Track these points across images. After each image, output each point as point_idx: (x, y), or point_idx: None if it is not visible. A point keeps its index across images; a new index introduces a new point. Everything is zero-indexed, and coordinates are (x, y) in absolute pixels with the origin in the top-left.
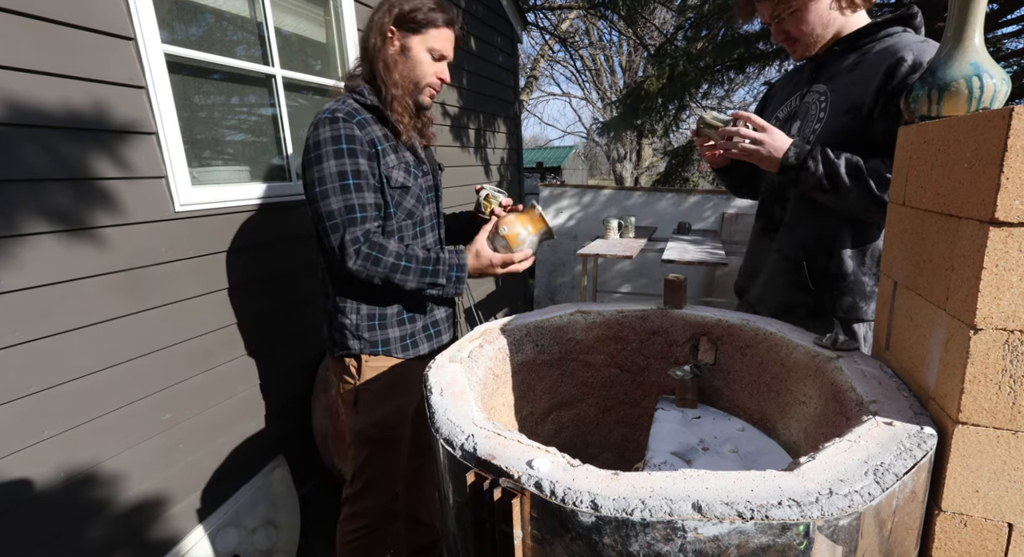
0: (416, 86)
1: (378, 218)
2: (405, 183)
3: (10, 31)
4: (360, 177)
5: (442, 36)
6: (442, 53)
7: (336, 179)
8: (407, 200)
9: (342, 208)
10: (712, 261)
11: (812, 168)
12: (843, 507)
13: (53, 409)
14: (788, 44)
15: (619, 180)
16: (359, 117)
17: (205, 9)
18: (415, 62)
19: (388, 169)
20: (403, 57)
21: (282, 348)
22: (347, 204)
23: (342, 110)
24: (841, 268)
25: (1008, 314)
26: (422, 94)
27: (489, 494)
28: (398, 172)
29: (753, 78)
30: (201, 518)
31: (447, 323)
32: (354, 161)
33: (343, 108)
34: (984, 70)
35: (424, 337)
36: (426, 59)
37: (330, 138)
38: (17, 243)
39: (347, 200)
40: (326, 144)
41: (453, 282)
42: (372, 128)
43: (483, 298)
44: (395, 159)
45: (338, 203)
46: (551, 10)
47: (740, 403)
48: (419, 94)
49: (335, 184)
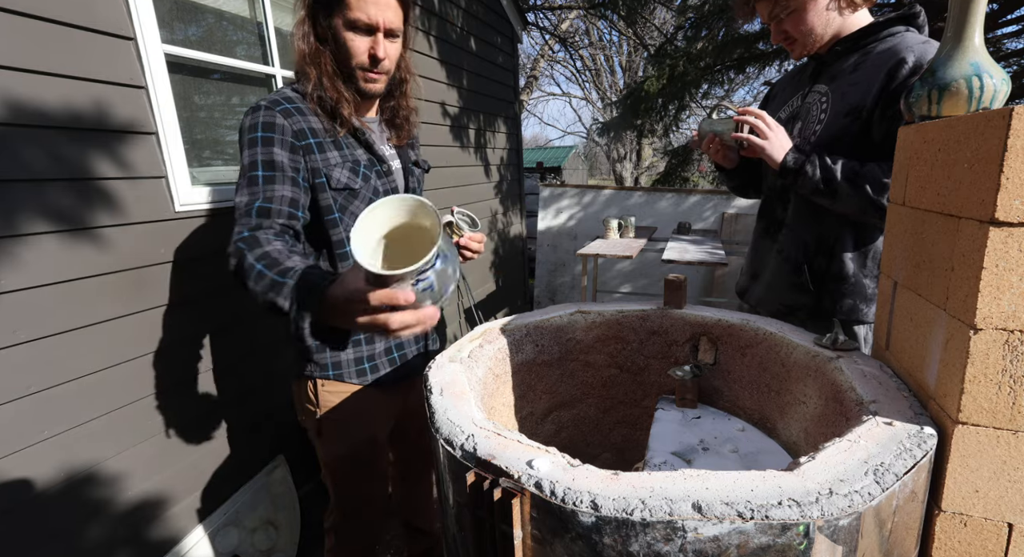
0: (348, 73)
1: (293, 217)
2: (350, 185)
3: (10, 31)
4: (273, 168)
5: (363, 1)
6: (368, 22)
7: (246, 170)
8: (354, 204)
9: (243, 202)
10: (712, 261)
11: (809, 173)
12: (843, 507)
13: (53, 409)
14: (787, 44)
15: (619, 180)
16: (285, 105)
17: (205, 9)
18: (337, 45)
19: (328, 167)
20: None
21: (283, 347)
22: (251, 198)
23: (269, 98)
24: (842, 270)
25: (1008, 314)
26: (358, 81)
27: (489, 494)
28: (341, 171)
29: (753, 78)
30: (201, 518)
31: (417, 346)
32: (267, 150)
33: (272, 96)
34: (984, 70)
35: (387, 361)
36: (348, 36)
37: (247, 127)
38: (17, 243)
39: (252, 193)
40: (243, 134)
41: (293, 306)
42: (306, 118)
43: (483, 298)
44: (338, 156)
45: (242, 196)
46: (551, 10)
47: (740, 403)
48: (356, 82)
49: (245, 176)
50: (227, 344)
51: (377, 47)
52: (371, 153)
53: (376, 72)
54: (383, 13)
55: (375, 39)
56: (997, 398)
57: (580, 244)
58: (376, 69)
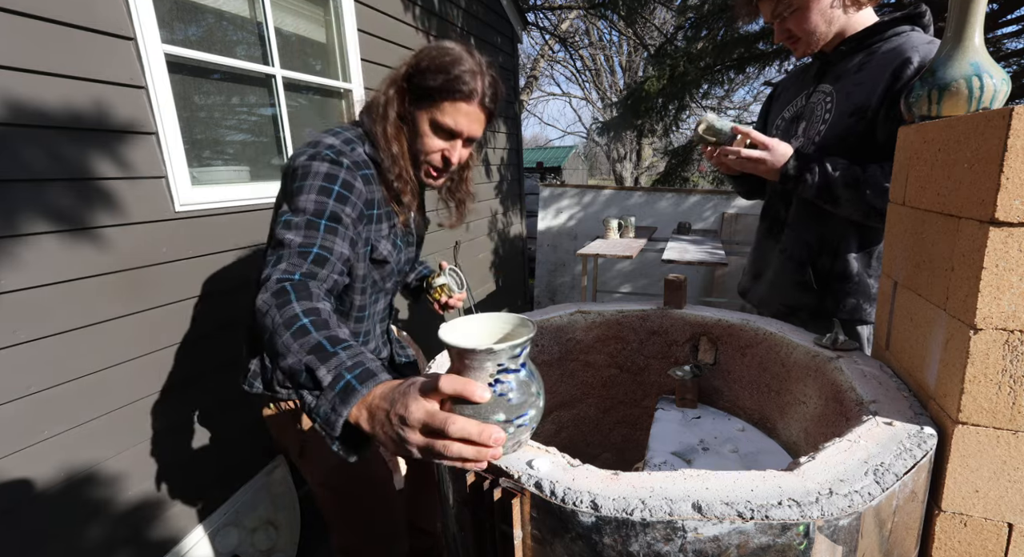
0: (415, 159)
1: (342, 275)
2: (387, 258)
3: (10, 31)
4: (339, 222)
5: (456, 111)
6: (455, 130)
7: (310, 213)
8: (382, 271)
9: (297, 243)
10: (712, 261)
11: (809, 181)
12: (843, 507)
13: (53, 409)
14: (790, 43)
15: (619, 180)
16: (366, 172)
17: (205, 9)
18: (415, 133)
19: (378, 238)
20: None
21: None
22: (307, 240)
23: (349, 157)
24: (846, 269)
25: (1008, 314)
26: (420, 171)
27: (489, 494)
28: (385, 244)
29: (753, 78)
30: (201, 518)
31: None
32: (339, 207)
33: (351, 156)
34: (984, 70)
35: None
36: (427, 132)
37: (323, 173)
38: (17, 243)
39: (309, 236)
40: (315, 178)
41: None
42: (375, 188)
43: (483, 298)
44: (386, 228)
45: (296, 235)
46: (551, 10)
47: (740, 403)
48: (418, 170)
49: (303, 217)
50: (227, 344)
51: (452, 153)
52: (405, 224)
53: (444, 172)
54: (471, 125)
55: (453, 144)
56: (997, 398)
57: (580, 244)
58: (445, 170)
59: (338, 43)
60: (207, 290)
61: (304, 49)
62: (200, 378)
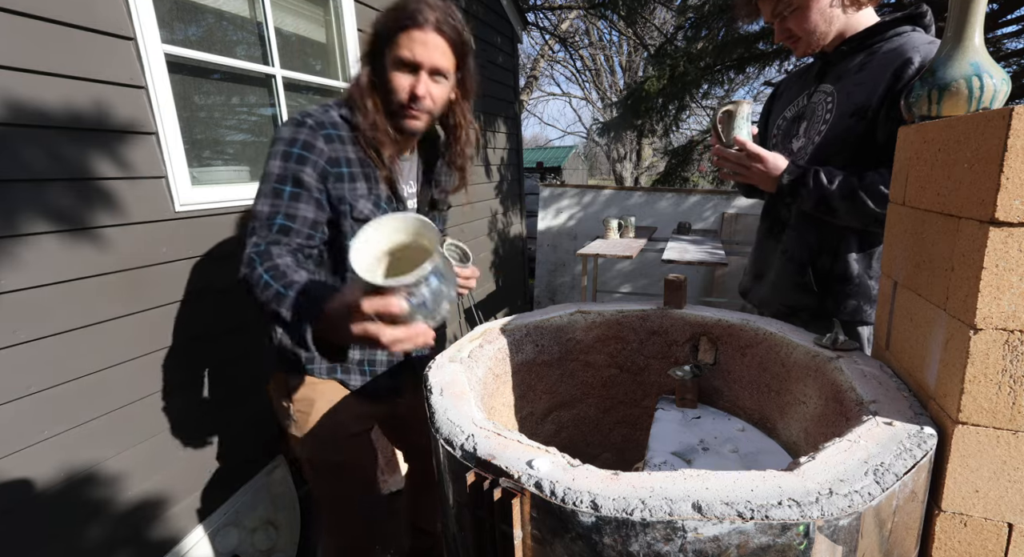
0: (392, 111)
1: (311, 238)
2: (371, 216)
3: (10, 31)
4: (301, 186)
5: (411, 41)
6: (412, 60)
7: (273, 180)
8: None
9: (264, 213)
10: (712, 261)
11: (804, 195)
12: (843, 507)
13: (53, 409)
14: (791, 42)
15: (619, 180)
16: (330, 131)
17: (205, 9)
18: (384, 82)
19: (355, 197)
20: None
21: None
22: (273, 209)
23: (316, 117)
24: (847, 271)
25: (1008, 314)
26: (399, 117)
27: (489, 494)
28: (365, 203)
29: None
30: (201, 518)
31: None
32: (299, 168)
33: (319, 116)
34: (984, 70)
35: (357, 372)
36: (392, 72)
37: (287, 137)
38: (17, 243)
39: (275, 205)
40: (279, 142)
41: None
42: (345, 147)
43: (483, 298)
44: (365, 188)
45: (264, 205)
46: (551, 10)
47: (740, 403)
48: (395, 118)
49: (270, 184)
50: (228, 344)
51: (418, 85)
52: (393, 191)
53: (416, 109)
54: (430, 53)
55: (418, 77)
56: (997, 398)
57: (580, 244)
58: (416, 106)
59: (338, 43)
60: (207, 290)
61: (304, 49)
62: (200, 378)
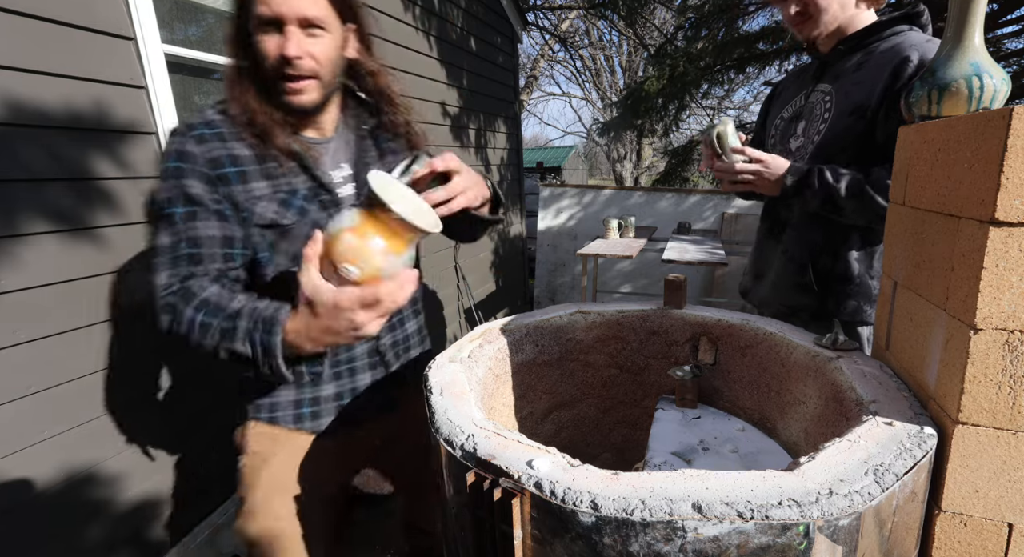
0: (270, 87)
1: (229, 259)
2: (277, 220)
3: (10, 31)
4: (191, 202)
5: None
6: (271, 14)
7: (162, 207)
8: (285, 243)
9: (166, 246)
10: (712, 261)
11: (808, 195)
12: (843, 507)
13: (53, 409)
14: (800, 21)
15: (619, 180)
16: (202, 131)
17: (205, 9)
18: (252, 53)
19: (251, 200)
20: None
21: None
22: (173, 239)
23: (187, 122)
24: (848, 271)
25: (1008, 314)
26: (280, 93)
27: (489, 494)
28: (267, 205)
29: (753, 78)
30: (201, 518)
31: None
32: (179, 182)
33: (191, 120)
34: (984, 70)
35: (334, 408)
36: (260, 39)
37: (165, 153)
38: (17, 243)
39: (174, 234)
40: (161, 161)
41: (259, 348)
42: (226, 144)
43: (483, 298)
44: (266, 186)
45: (163, 238)
46: (551, 10)
47: (740, 403)
48: (278, 96)
49: (162, 214)
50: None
51: (288, 43)
52: (316, 180)
53: (295, 75)
54: (290, 2)
55: (285, 34)
56: (997, 398)
57: (580, 244)
58: (293, 70)
59: None
60: None
61: None
62: (200, 378)
